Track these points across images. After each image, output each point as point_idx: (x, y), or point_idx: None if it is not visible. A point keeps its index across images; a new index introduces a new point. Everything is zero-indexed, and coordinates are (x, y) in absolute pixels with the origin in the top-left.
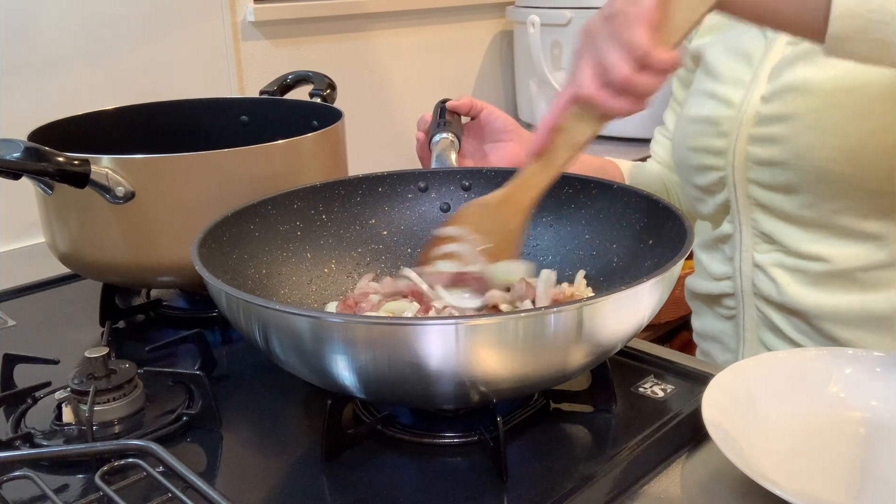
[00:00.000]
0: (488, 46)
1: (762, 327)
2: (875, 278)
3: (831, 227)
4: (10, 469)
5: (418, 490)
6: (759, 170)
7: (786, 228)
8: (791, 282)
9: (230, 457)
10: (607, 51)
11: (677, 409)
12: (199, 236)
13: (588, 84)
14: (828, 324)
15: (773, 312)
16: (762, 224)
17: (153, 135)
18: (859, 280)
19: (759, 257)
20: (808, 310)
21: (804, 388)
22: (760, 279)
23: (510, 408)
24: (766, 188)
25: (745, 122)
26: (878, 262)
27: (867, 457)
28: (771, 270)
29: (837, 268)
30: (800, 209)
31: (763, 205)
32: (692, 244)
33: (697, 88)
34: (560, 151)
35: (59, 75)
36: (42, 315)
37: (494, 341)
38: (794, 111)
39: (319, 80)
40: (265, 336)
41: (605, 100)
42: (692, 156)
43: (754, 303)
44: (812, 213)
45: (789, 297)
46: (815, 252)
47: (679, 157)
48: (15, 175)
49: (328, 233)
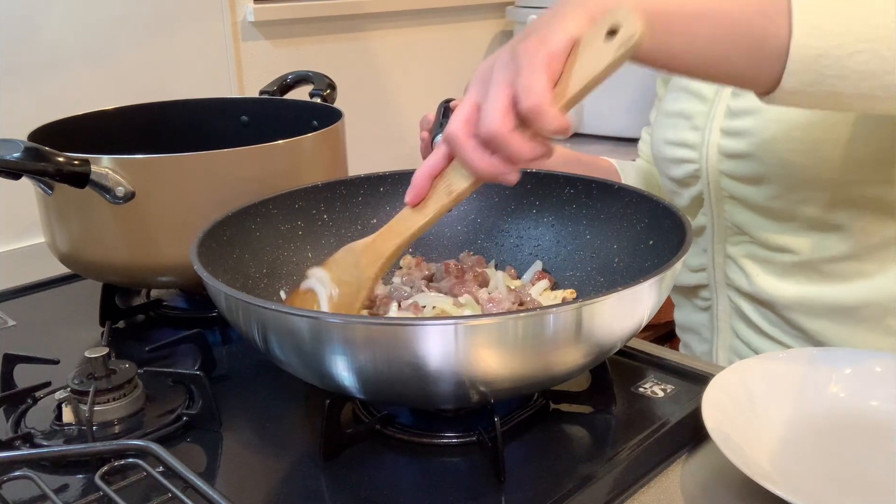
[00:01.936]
0: (488, 46)
1: (735, 317)
2: (839, 270)
3: (797, 218)
4: (10, 469)
5: (417, 490)
6: (729, 162)
7: (755, 219)
8: (760, 272)
9: (230, 457)
10: (493, 92)
11: (677, 409)
12: (199, 236)
13: (457, 126)
14: (795, 314)
15: (744, 303)
16: (733, 215)
17: (153, 135)
18: (824, 271)
19: (730, 249)
20: (776, 300)
21: (804, 388)
22: (732, 270)
23: (510, 408)
24: (737, 180)
25: (717, 115)
26: (841, 253)
27: (867, 457)
28: (742, 261)
29: (803, 259)
30: (767, 200)
31: (734, 196)
32: (691, 244)
33: (674, 84)
34: (434, 200)
35: (59, 75)
36: (42, 315)
37: (493, 341)
38: (760, 105)
39: (319, 80)
40: (264, 336)
41: (468, 151)
42: (668, 149)
43: (727, 293)
44: (779, 204)
45: (758, 287)
46: (782, 243)
47: (656, 151)
48: (15, 175)
49: (329, 232)
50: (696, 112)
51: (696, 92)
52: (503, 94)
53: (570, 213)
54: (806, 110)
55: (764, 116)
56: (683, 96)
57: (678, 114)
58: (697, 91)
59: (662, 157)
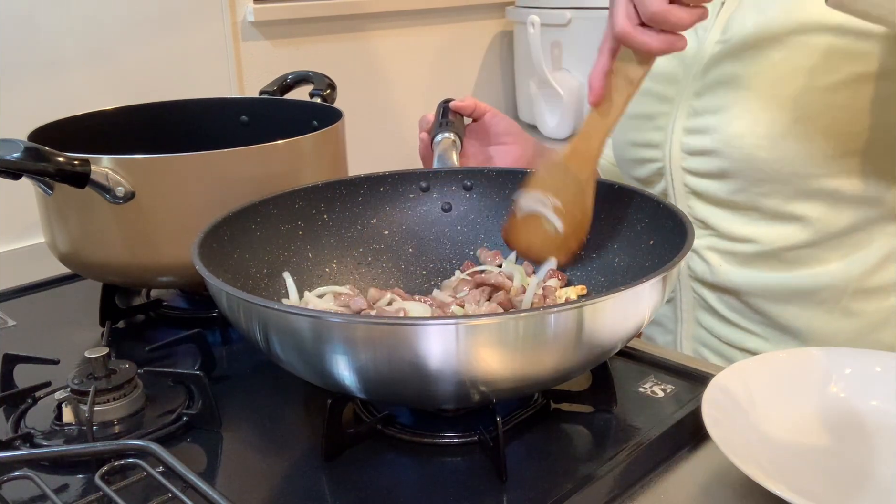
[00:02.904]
0: (488, 46)
1: (698, 308)
2: (799, 256)
3: (760, 210)
4: (10, 469)
5: (418, 490)
6: (692, 159)
7: (718, 213)
8: (722, 263)
9: (230, 457)
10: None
11: (677, 409)
12: (199, 236)
13: (622, 22)
14: (758, 300)
15: (707, 293)
16: (697, 210)
17: (153, 135)
18: (785, 259)
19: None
20: (739, 288)
21: (804, 388)
22: (695, 262)
23: (510, 408)
24: (700, 176)
25: (680, 115)
26: (801, 241)
27: (867, 457)
28: (704, 253)
29: (765, 248)
30: (730, 194)
31: (697, 192)
32: (692, 244)
33: None
34: (617, 93)
35: (59, 75)
36: (42, 315)
37: (494, 341)
38: (724, 104)
39: (319, 80)
40: (265, 336)
41: (640, 36)
42: (631, 150)
43: (690, 285)
44: (742, 198)
45: (721, 276)
46: (745, 234)
47: (620, 153)
48: (15, 175)
49: (329, 232)
50: (659, 113)
51: (658, 94)
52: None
53: None
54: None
55: (728, 114)
56: (645, 98)
57: (640, 115)
58: (659, 93)
59: (626, 159)
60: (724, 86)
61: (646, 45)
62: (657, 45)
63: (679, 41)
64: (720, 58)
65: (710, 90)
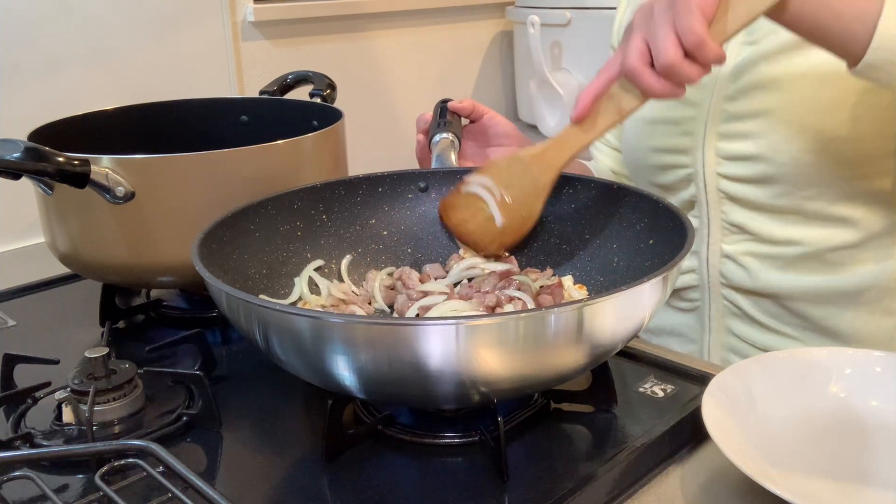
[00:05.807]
0: (488, 46)
1: (728, 315)
2: (842, 257)
3: (803, 213)
4: (10, 469)
5: (419, 490)
6: (730, 164)
7: (757, 217)
8: (762, 268)
9: (230, 457)
10: (661, 31)
11: (677, 409)
12: (199, 236)
13: (635, 59)
14: (800, 303)
15: (741, 299)
16: (732, 216)
17: (153, 135)
18: (828, 260)
19: (727, 248)
20: (780, 292)
21: (804, 388)
22: (729, 268)
23: (510, 408)
24: (738, 181)
25: (711, 120)
26: (845, 242)
27: (867, 457)
28: (741, 259)
29: (809, 250)
30: (772, 198)
31: (734, 197)
32: (693, 244)
33: None
34: (603, 117)
35: (59, 75)
36: (42, 315)
37: (495, 341)
38: (766, 107)
39: (319, 80)
40: (265, 336)
41: (647, 78)
42: (654, 156)
43: (720, 292)
44: (785, 202)
45: (761, 282)
46: (787, 237)
47: (637, 158)
48: (15, 175)
49: (328, 233)
50: (685, 118)
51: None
52: (670, 32)
53: (569, 213)
54: (816, 110)
55: (771, 118)
56: (668, 104)
57: (663, 120)
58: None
59: (647, 165)
60: (761, 90)
61: (650, 88)
62: (660, 90)
63: (680, 92)
64: (754, 61)
65: (744, 94)
